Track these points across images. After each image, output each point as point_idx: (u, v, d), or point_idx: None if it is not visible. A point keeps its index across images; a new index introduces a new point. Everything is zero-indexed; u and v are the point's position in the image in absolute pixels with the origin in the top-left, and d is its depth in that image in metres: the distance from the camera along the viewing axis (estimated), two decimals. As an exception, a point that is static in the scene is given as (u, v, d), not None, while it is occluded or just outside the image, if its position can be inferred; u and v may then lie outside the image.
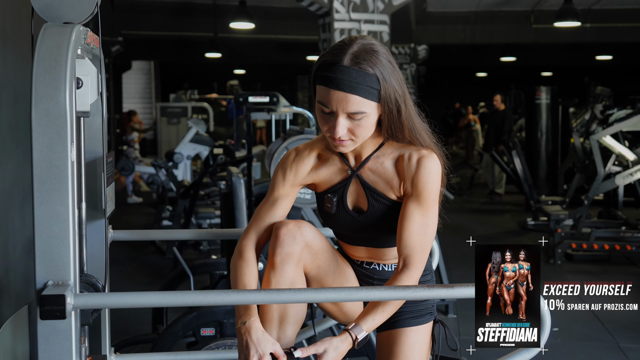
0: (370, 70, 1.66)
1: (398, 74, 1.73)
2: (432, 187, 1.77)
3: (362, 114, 1.67)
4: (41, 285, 1.51)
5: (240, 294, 1.55)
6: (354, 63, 1.65)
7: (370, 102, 1.67)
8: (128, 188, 10.79)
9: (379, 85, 1.67)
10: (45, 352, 1.52)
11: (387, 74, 1.68)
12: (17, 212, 4.77)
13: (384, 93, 1.68)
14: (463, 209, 10.35)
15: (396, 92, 1.70)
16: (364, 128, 1.71)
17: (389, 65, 1.69)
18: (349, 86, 1.64)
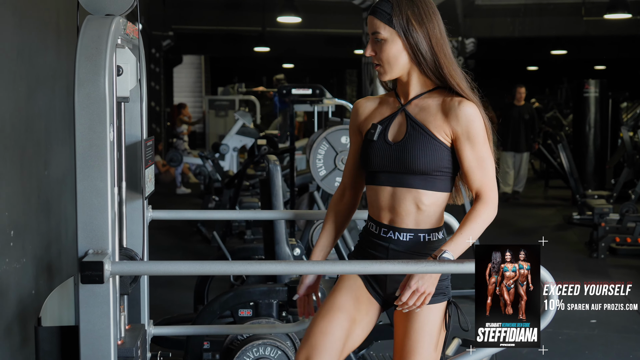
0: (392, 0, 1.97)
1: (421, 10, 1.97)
2: (477, 125, 1.95)
3: (378, 34, 1.97)
4: (82, 254, 1.65)
5: (269, 264, 1.67)
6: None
7: (385, 26, 1.97)
8: (177, 179, 11.05)
9: (391, 10, 1.96)
10: (86, 315, 1.67)
11: (405, 6, 1.96)
12: (69, 199, 5.00)
13: (396, 20, 1.96)
14: (507, 203, 10.32)
15: (410, 24, 1.95)
16: (385, 53, 1.97)
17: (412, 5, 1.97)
18: (372, 10, 2.00)
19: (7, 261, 3.68)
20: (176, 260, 1.68)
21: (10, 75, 3.82)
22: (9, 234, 3.70)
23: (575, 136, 10.48)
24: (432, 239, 2.02)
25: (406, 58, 1.99)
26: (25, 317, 3.94)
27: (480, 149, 1.95)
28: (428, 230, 2.02)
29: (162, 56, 13.54)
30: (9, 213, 3.71)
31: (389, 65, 1.99)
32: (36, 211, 4.21)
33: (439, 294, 2.06)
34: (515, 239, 7.87)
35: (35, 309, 4.07)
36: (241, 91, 13.42)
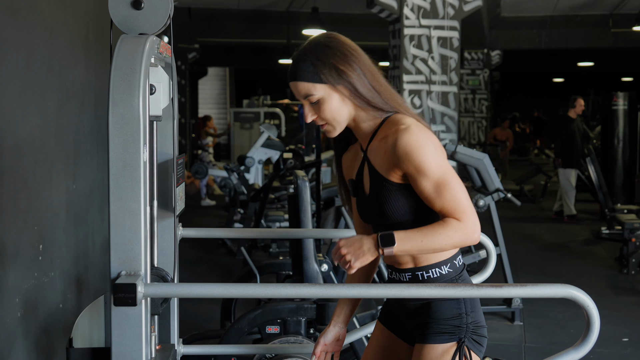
0: (306, 57, 1.84)
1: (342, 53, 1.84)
2: (420, 153, 1.76)
3: (311, 96, 1.85)
4: (115, 275, 1.64)
5: (296, 287, 1.64)
6: (297, 55, 1.87)
7: (315, 85, 1.84)
8: (202, 191, 11.08)
9: (313, 67, 1.83)
10: (118, 337, 1.65)
11: (325, 56, 1.83)
12: (96, 212, 5.02)
13: (324, 75, 1.82)
14: (535, 217, 10.21)
15: (340, 71, 1.82)
16: (328, 111, 1.85)
17: (328, 49, 1.84)
18: (293, 75, 1.86)
19: (36, 275, 3.69)
20: (209, 283, 1.67)
21: (40, 90, 3.85)
22: (37, 248, 3.71)
23: (603, 149, 10.34)
24: (433, 275, 1.85)
25: (349, 105, 1.87)
26: (53, 331, 3.95)
27: (433, 175, 1.76)
28: (427, 267, 1.86)
29: (187, 68, 13.63)
30: (38, 227, 3.72)
31: (335, 120, 1.87)
32: (64, 225, 4.23)
33: (442, 333, 1.85)
34: (543, 254, 7.77)
35: (63, 323, 4.08)
36: (266, 103, 13.45)
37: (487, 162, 5.34)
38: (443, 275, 1.85)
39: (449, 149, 5.40)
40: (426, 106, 7.11)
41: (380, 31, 10.59)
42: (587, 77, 21.13)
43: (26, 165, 3.58)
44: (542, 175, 12.44)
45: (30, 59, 3.72)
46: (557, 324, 5.22)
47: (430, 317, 1.86)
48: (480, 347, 1.92)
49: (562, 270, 6.88)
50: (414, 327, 1.91)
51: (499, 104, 20.89)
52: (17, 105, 3.50)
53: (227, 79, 20.13)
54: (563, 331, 5.06)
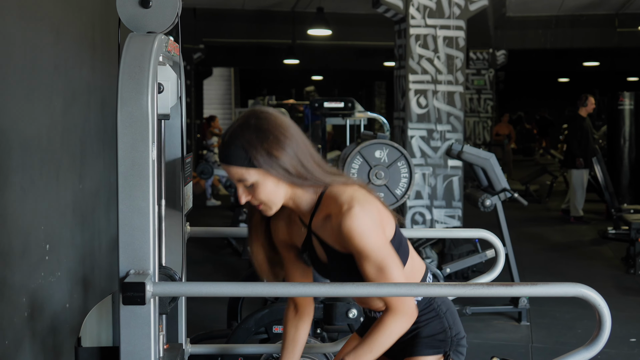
0: (238, 141, 1.81)
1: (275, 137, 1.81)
2: (361, 237, 1.79)
3: (245, 180, 1.82)
4: (124, 274, 1.63)
5: (305, 286, 1.64)
6: (228, 138, 1.83)
7: (248, 170, 1.81)
8: (207, 191, 11.09)
9: (245, 152, 1.80)
10: (127, 336, 1.65)
11: (257, 140, 1.80)
12: (102, 212, 5.02)
13: (256, 159, 1.80)
14: (541, 217, 10.18)
15: (272, 155, 1.80)
16: (262, 193, 1.84)
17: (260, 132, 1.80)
18: (225, 159, 1.83)
19: (43, 275, 3.69)
20: (217, 282, 1.66)
21: (47, 89, 3.85)
22: (44, 248, 3.71)
23: (609, 149, 10.31)
24: None
25: (284, 186, 1.86)
26: (59, 331, 3.95)
27: (375, 259, 1.79)
28: None
29: (192, 69, 13.63)
30: (45, 227, 3.73)
31: (271, 202, 1.86)
32: (71, 225, 4.23)
33: (430, 347, 1.98)
34: (549, 254, 7.75)
35: (70, 323, 4.08)
36: (271, 103, 13.45)
37: (494, 161, 5.32)
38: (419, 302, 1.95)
39: (456, 149, 5.39)
40: (432, 106, 7.10)
41: (386, 31, 10.58)
42: (592, 77, 21.07)
43: (33, 165, 3.58)
44: (548, 176, 12.41)
45: (37, 59, 3.73)
46: (564, 324, 5.20)
47: (418, 335, 1.98)
48: (462, 357, 2.10)
49: (568, 271, 6.86)
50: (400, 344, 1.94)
51: (504, 104, 20.86)
52: (24, 104, 3.50)
53: (232, 79, 20.14)
54: (570, 331, 5.04)
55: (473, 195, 5.48)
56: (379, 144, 4.30)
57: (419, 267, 2.00)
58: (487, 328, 5.14)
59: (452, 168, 7.12)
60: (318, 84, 19.97)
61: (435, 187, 7.08)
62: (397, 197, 4.23)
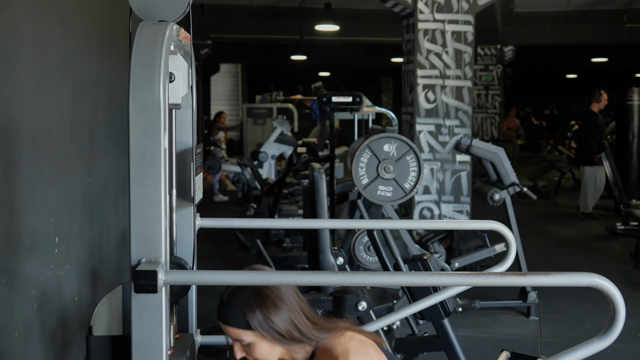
0: (236, 303, 1.86)
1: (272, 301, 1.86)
2: None
3: (242, 340, 1.89)
4: (135, 262, 1.63)
5: (317, 275, 1.63)
6: (227, 297, 1.89)
7: (245, 331, 1.87)
8: (215, 187, 11.09)
9: (242, 315, 1.85)
10: (138, 325, 1.64)
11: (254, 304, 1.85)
12: (111, 206, 5.03)
13: (253, 323, 1.85)
14: (549, 213, 10.15)
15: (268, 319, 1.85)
16: (258, 353, 1.90)
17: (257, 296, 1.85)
18: (223, 318, 1.89)
19: (52, 267, 3.70)
20: (228, 270, 1.66)
21: (56, 83, 3.85)
22: (53, 241, 3.72)
23: (618, 145, 10.26)
24: None
25: (280, 346, 1.92)
26: (68, 323, 3.96)
27: None
28: None
29: (200, 65, 13.63)
30: (54, 220, 3.73)
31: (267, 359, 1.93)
32: (80, 218, 4.24)
33: None
34: (558, 249, 7.72)
35: (79, 316, 4.09)
36: (279, 99, 13.44)
37: (503, 155, 5.30)
38: None
39: (464, 143, 5.36)
40: (440, 101, 7.08)
41: (393, 27, 10.55)
42: (601, 73, 20.99)
43: (42, 158, 3.59)
44: (556, 172, 12.37)
45: (46, 53, 3.73)
46: (573, 319, 5.18)
47: None
48: None
49: (577, 266, 6.83)
50: None
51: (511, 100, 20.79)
52: (33, 98, 3.50)
53: (239, 75, 20.14)
54: (579, 326, 5.02)
55: (482, 190, 5.46)
56: (388, 138, 4.29)
57: None
58: (495, 322, 5.12)
59: (461, 163, 7.10)
60: (325, 80, 19.95)
61: (444, 182, 7.06)
62: (406, 191, 4.21)
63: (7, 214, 3.08)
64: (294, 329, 1.90)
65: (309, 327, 1.93)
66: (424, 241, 6.05)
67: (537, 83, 23.60)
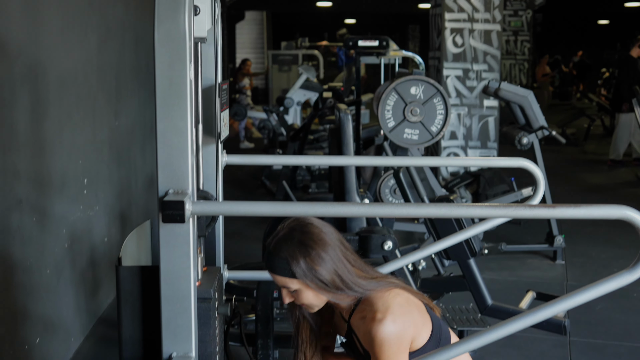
0: (282, 252, 1.93)
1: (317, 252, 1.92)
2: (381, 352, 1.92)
3: (288, 287, 1.97)
4: (163, 193, 1.64)
5: (343, 206, 1.63)
6: (273, 248, 1.95)
7: (291, 280, 1.94)
8: (240, 134, 11.11)
9: (287, 264, 1.92)
10: (166, 255, 1.66)
11: (298, 254, 1.91)
12: (138, 150, 5.06)
13: (297, 272, 1.92)
14: (578, 160, 10.04)
15: (311, 268, 1.92)
16: (305, 299, 1.99)
17: (302, 247, 1.92)
18: (270, 267, 1.97)
19: (81, 208, 3.75)
20: (255, 201, 1.66)
21: (82, 25, 3.84)
22: (82, 182, 3.76)
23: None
24: None
25: (324, 294, 1.99)
26: (98, 263, 4.03)
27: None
28: None
29: (224, 12, 13.51)
30: (83, 161, 3.77)
31: (313, 304, 2.02)
32: (108, 161, 4.28)
33: None
34: (585, 195, 7.65)
35: (108, 257, 4.16)
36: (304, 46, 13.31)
37: (532, 99, 5.21)
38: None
39: (493, 86, 5.29)
40: (468, 45, 6.96)
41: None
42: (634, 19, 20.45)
43: (69, 100, 3.61)
44: (585, 119, 12.18)
45: (71, -7, 3.71)
46: (599, 263, 5.16)
47: None
48: None
49: (605, 212, 6.77)
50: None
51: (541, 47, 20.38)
52: (59, 40, 3.50)
53: (264, 23, 19.95)
54: (606, 270, 5.00)
55: (510, 134, 5.40)
56: (415, 80, 4.23)
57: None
58: (522, 266, 5.13)
59: (488, 108, 7.01)
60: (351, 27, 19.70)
61: (470, 127, 6.99)
62: (433, 134, 4.17)
63: (36, 154, 3.12)
64: (338, 278, 1.95)
65: (355, 277, 1.98)
66: (450, 186, 6.03)
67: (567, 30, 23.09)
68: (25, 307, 2.97)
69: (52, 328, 3.31)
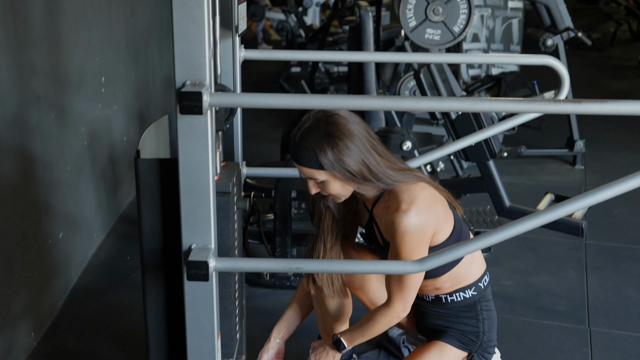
0: (308, 144, 1.93)
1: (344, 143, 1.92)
2: (402, 236, 1.94)
3: (315, 179, 1.97)
4: (180, 85, 1.61)
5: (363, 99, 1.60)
6: (299, 139, 1.95)
7: (318, 171, 1.94)
8: (258, 36, 10.94)
9: (314, 155, 1.92)
10: (185, 148, 1.65)
11: (325, 145, 1.91)
12: (155, 49, 5.00)
13: (324, 163, 1.92)
14: (603, 65, 9.82)
15: (338, 159, 1.92)
16: (332, 189, 1.99)
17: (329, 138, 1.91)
18: (297, 159, 1.97)
19: (100, 106, 3.74)
20: (274, 93, 1.63)
21: None
22: (100, 80, 3.74)
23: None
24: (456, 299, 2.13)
25: (351, 185, 1.99)
26: (118, 162, 4.06)
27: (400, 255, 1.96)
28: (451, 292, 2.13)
29: None
30: (99, 59, 3.73)
31: (340, 195, 2.02)
32: (125, 59, 4.23)
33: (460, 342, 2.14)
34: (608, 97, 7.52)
35: (128, 156, 4.18)
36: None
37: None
38: (466, 299, 2.13)
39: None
40: (494, -58, 6.69)
41: None
42: None
43: (84, -6, 3.53)
44: (612, 23, 11.83)
45: None
46: (620, 168, 5.12)
47: (453, 325, 2.15)
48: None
49: (627, 118, 6.68)
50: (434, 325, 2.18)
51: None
52: None
53: None
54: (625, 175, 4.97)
55: (534, 35, 5.26)
56: (437, -23, 4.09)
57: (477, 267, 2.14)
58: (541, 170, 5.10)
59: (512, 10, 6.81)
60: None
61: (494, 29, 6.82)
62: (455, 35, 4.07)
63: (52, 50, 3.08)
64: (366, 169, 1.96)
65: (383, 167, 1.99)
66: (470, 89, 5.94)
67: None
68: (47, 202, 3.02)
69: (74, 224, 3.37)
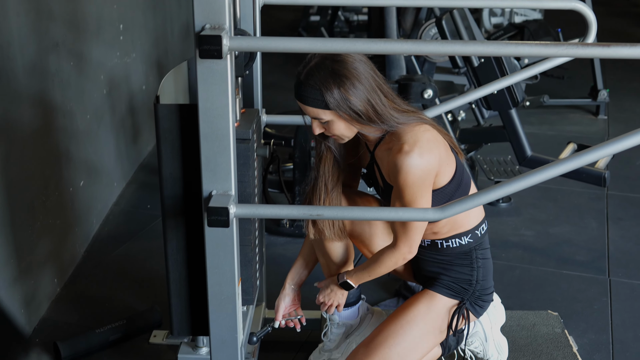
0: (313, 82, 1.88)
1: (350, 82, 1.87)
2: (406, 176, 1.91)
3: (320, 119, 1.92)
4: (199, 28, 1.58)
5: (385, 43, 1.57)
6: (304, 77, 1.90)
7: (323, 110, 1.90)
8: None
9: (320, 95, 1.87)
10: (204, 93, 1.63)
11: (331, 83, 1.86)
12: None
13: (330, 102, 1.87)
14: (629, 14, 9.61)
15: (344, 98, 1.87)
16: (336, 129, 1.95)
17: (335, 76, 1.87)
18: (301, 98, 1.91)
19: (118, 55, 3.72)
20: (296, 37, 1.60)
21: None
22: (118, 28, 3.71)
23: None
24: (452, 244, 2.11)
25: (356, 125, 1.95)
26: (137, 111, 4.06)
27: (404, 200, 1.93)
28: (447, 238, 2.10)
29: None
30: (117, 6, 3.70)
31: (344, 135, 1.98)
32: (143, 7, 4.19)
33: (450, 290, 2.11)
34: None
35: (147, 106, 4.18)
36: None
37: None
38: (462, 245, 2.10)
39: None
40: None
41: None
42: None
43: (101, -60, 3.49)
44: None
45: None
46: (644, 119, 5.06)
47: (447, 272, 2.11)
48: (480, 309, 2.16)
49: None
50: (428, 272, 2.16)
51: None
52: None
53: None
54: (650, 126, 4.90)
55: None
56: None
57: (475, 214, 2.10)
58: (562, 120, 5.04)
59: (537, -44, 6.64)
60: None
61: (518, -24, 6.67)
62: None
63: (70, -4, 3.05)
64: (372, 109, 1.92)
65: (389, 108, 1.95)
66: (493, 38, 5.84)
67: None
68: (68, 150, 3.03)
69: (95, 172, 3.39)
